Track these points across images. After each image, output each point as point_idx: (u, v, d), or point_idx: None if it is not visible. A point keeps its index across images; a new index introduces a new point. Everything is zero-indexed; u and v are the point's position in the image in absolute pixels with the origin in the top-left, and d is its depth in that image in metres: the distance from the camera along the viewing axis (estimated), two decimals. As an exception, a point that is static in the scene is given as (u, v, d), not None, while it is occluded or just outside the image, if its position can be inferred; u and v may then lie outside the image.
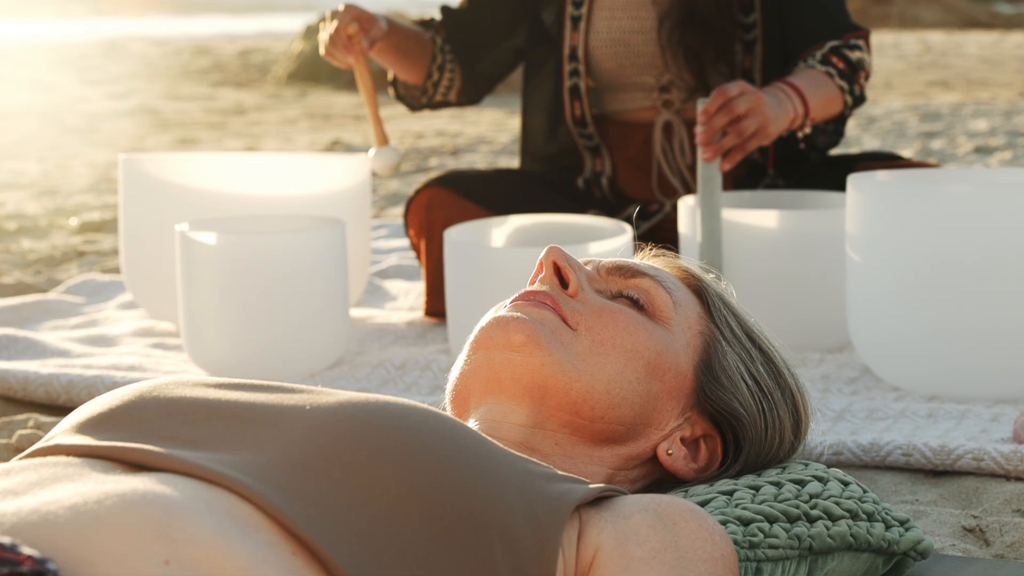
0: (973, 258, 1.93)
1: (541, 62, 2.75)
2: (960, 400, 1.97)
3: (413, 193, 2.69)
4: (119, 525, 0.87)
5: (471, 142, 6.97)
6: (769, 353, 1.33)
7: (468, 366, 1.24)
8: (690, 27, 2.61)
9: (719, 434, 1.29)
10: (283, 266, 2.22)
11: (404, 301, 2.93)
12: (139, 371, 2.31)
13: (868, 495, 1.30)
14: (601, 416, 1.22)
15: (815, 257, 2.28)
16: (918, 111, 7.59)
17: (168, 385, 1.08)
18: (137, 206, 2.63)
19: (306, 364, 2.26)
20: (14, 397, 2.26)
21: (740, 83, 2.26)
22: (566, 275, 1.26)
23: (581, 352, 1.22)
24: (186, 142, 7.48)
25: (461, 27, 2.75)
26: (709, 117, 2.24)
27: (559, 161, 2.77)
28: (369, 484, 0.97)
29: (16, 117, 9.18)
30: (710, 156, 2.25)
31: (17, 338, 2.55)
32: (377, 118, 2.56)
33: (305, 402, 1.03)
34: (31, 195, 5.31)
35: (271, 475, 0.96)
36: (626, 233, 2.25)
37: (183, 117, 9.05)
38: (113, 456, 0.99)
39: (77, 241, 4.04)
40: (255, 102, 10.09)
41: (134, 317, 2.79)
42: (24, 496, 0.91)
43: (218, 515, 0.91)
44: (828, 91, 2.44)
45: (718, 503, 1.22)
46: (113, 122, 8.75)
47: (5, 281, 3.27)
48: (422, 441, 1.00)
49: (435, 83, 2.74)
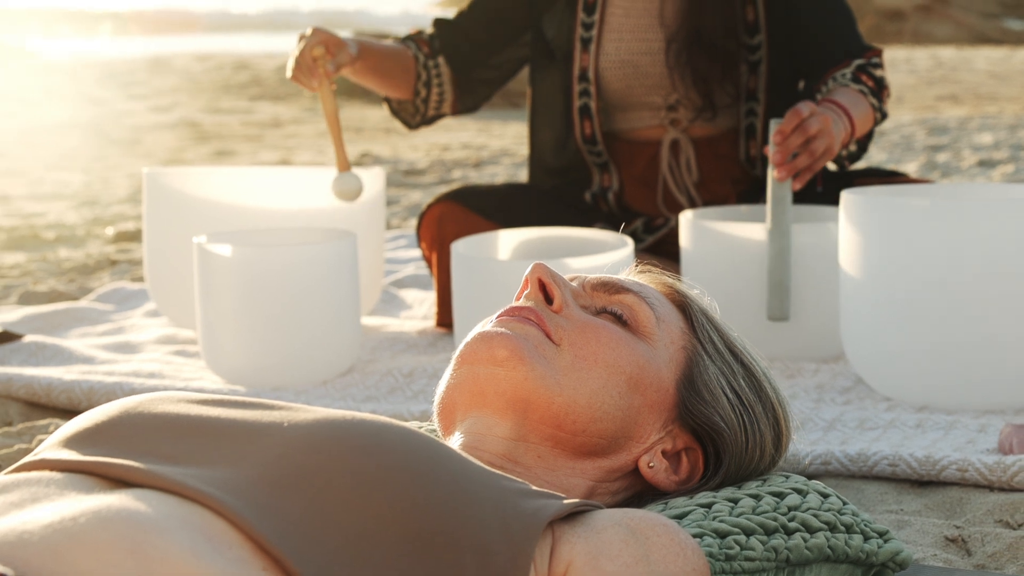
0: (962, 273, 1.90)
1: (548, 78, 2.72)
2: (949, 411, 1.93)
3: (425, 208, 2.67)
4: (93, 542, 0.85)
5: (494, 155, 6.95)
6: (751, 367, 1.30)
7: (454, 380, 1.22)
8: (697, 49, 2.59)
9: (700, 447, 1.26)
10: (296, 277, 2.21)
11: (418, 310, 2.91)
12: (158, 378, 2.30)
13: (847, 507, 1.27)
14: (583, 430, 1.19)
15: (810, 269, 2.25)
16: (926, 124, 7.53)
17: (153, 401, 1.06)
18: (160, 218, 2.62)
19: (318, 372, 2.25)
20: (38, 402, 2.25)
21: (809, 104, 2.22)
22: (551, 291, 1.24)
23: (564, 367, 1.19)
24: (223, 154, 7.49)
25: (460, 36, 2.71)
26: (784, 137, 2.20)
27: (567, 176, 2.74)
28: (342, 501, 0.95)
29: (64, 130, 9.22)
30: (783, 175, 2.21)
31: (45, 345, 2.54)
32: (339, 143, 2.46)
33: (283, 419, 1.01)
34: (72, 205, 5.32)
35: (247, 491, 0.94)
36: (627, 246, 2.22)
37: (222, 130, 9.07)
38: (95, 471, 0.97)
39: (111, 250, 4.04)
40: (291, 115, 10.11)
41: (158, 325, 2.78)
42: (4, 516, 0.89)
43: (191, 532, 0.89)
44: (864, 109, 2.41)
45: (696, 516, 1.19)
46: (155, 135, 8.77)
47: (39, 289, 3.27)
48: (396, 459, 0.98)
49: (424, 99, 2.70)
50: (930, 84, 11.29)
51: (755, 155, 2.67)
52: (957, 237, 1.90)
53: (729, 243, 2.29)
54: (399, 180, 5.89)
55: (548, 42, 2.70)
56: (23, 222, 4.80)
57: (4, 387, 2.27)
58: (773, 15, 2.60)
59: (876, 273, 1.97)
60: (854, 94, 2.40)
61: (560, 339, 1.21)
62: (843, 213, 2.03)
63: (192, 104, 11.13)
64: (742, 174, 2.71)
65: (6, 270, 3.69)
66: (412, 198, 5.18)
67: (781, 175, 2.21)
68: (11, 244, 4.26)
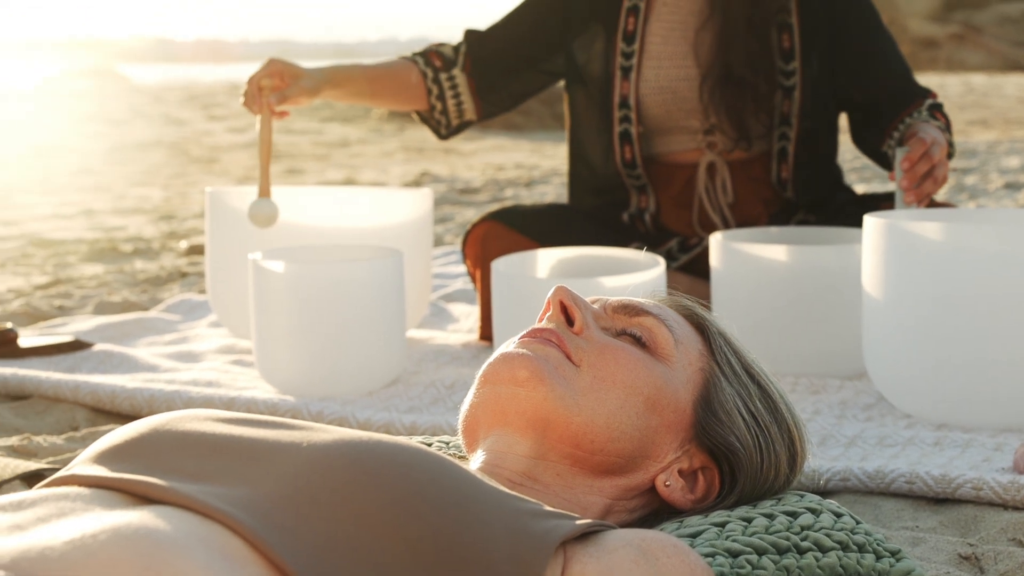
0: (980, 295, 1.84)
1: (585, 103, 2.67)
2: (966, 429, 1.87)
3: (470, 226, 2.63)
4: (110, 559, 0.82)
5: (545, 174, 6.91)
6: (767, 389, 1.25)
7: (477, 399, 1.19)
8: (728, 86, 2.54)
9: (717, 466, 1.21)
10: (344, 293, 2.18)
11: (464, 324, 2.88)
12: (215, 387, 2.27)
13: (860, 526, 1.22)
14: (601, 449, 1.15)
15: (835, 289, 2.19)
16: (956, 148, 7.41)
17: (181, 419, 1.03)
18: (221, 234, 2.60)
19: (365, 383, 2.22)
20: (102, 409, 2.24)
21: (929, 133, 2.26)
22: (572, 313, 1.20)
23: (583, 387, 1.16)
24: (293, 172, 7.52)
25: (488, 50, 2.64)
26: (912, 164, 2.23)
27: (606, 197, 2.69)
28: (356, 521, 0.91)
29: (148, 149, 9.29)
30: (913, 199, 2.23)
31: (113, 353, 2.53)
32: (266, 171, 2.38)
33: (303, 439, 0.98)
34: (151, 219, 5.34)
35: (264, 510, 0.91)
36: (659, 266, 2.17)
37: (293, 149, 9.11)
38: (121, 488, 0.95)
39: (183, 263, 4.04)
40: (358, 136, 10.13)
41: (219, 335, 2.76)
42: (29, 530, 0.87)
43: (208, 549, 0.86)
44: (945, 143, 2.41)
45: (709, 535, 1.14)
46: (231, 154, 8.82)
47: (113, 299, 3.27)
48: (410, 479, 0.94)
49: (442, 111, 2.64)
50: (962, 109, 11.13)
51: (786, 178, 2.62)
52: (975, 260, 1.84)
53: (758, 264, 2.24)
54: (454, 198, 5.87)
55: (579, 68, 2.65)
56: (104, 235, 4.82)
57: (72, 393, 2.26)
58: (808, 43, 2.55)
59: (897, 294, 1.91)
60: (935, 129, 2.40)
61: (580, 360, 1.17)
62: (866, 236, 1.97)
63: (267, 125, 11.16)
64: (773, 196, 2.65)
65: (85, 280, 3.69)
66: (466, 215, 5.15)
67: (910, 199, 2.24)
68: (91, 256, 4.28)
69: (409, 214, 2.59)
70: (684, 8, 2.60)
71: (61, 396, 2.26)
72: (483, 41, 2.65)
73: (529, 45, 2.66)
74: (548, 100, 10.27)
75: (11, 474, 1.79)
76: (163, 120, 11.94)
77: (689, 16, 2.59)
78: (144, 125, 11.43)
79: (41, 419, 2.20)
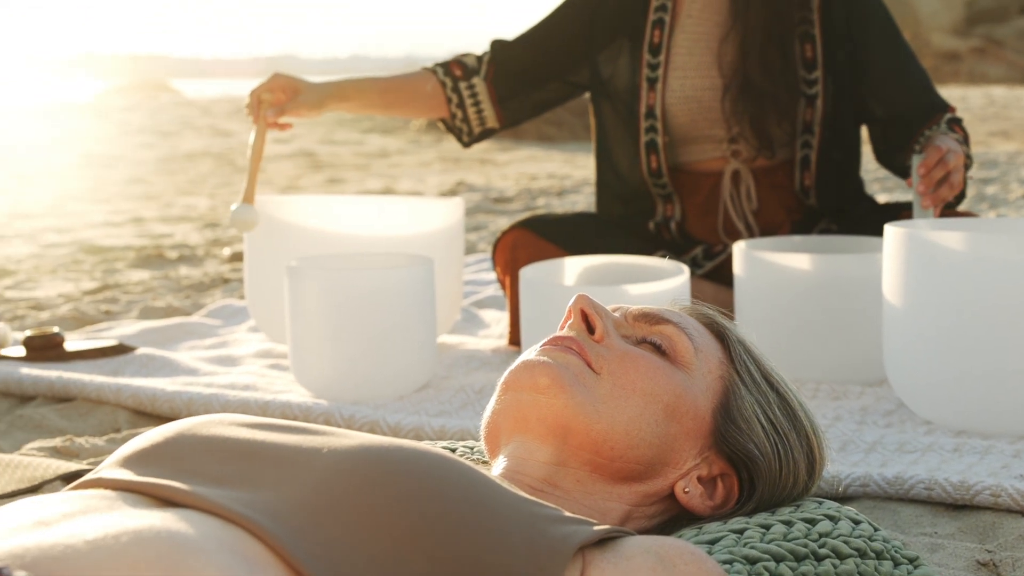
0: (999, 304, 1.79)
1: (611, 114, 2.64)
2: (985, 435, 1.82)
3: (500, 234, 2.61)
4: (131, 560, 0.80)
5: (577, 184, 6.88)
6: (786, 397, 1.22)
7: (499, 405, 1.16)
8: (750, 97, 2.51)
9: (736, 473, 1.18)
10: (377, 300, 2.16)
11: (495, 329, 2.85)
12: (251, 390, 2.26)
13: (879, 533, 1.18)
14: (620, 455, 1.12)
15: (856, 297, 2.16)
16: (977, 159, 7.33)
17: (208, 424, 1.01)
18: (259, 242, 2.59)
19: (396, 387, 2.19)
20: (143, 411, 2.23)
21: (944, 141, 2.26)
22: (592, 321, 1.17)
23: (603, 395, 1.13)
24: (334, 181, 7.52)
25: (512, 60, 2.62)
26: (928, 170, 2.21)
27: (633, 206, 2.67)
28: (374, 526, 0.89)
29: (196, 159, 9.33)
30: (929, 204, 2.22)
31: (155, 357, 2.52)
32: (253, 179, 2.43)
33: (324, 445, 0.96)
34: (197, 227, 5.35)
35: (284, 514, 0.89)
36: (684, 274, 2.14)
37: (334, 159, 9.12)
38: (145, 491, 0.93)
39: (225, 269, 4.04)
40: (397, 147, 10.13)
41: (257, 340, 2.75)
42: (54, 526, 0.85)
43: (229, 553, 0.84)
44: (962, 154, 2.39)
45: (727, 541, 1.11)
46: (276, 164, 8.83)
47: (158, 304, 3.26)
48: (428, 485, 0.92)
49: (463, 119, 2.63)
50: (983, 120, 11.01)
51: (809, 185, 2.59)
52: (995, 269, 1.80)
53: (781, 272, 2.20)
54: (488, 207, 5.85)
55: (604, 82, 2.63)
56: (151, 242, 4.83)
57: (114, 395, 2.25)
58: (831, 54, 2.52)
59: (916, 303, 1.87)
60: (952, 141, 2.38)
61: (600, 368, 1.14)
62: (886, 245, 1.94)
63: (310, 136, 11.22)
64: (796, 203, 2.62)
65: (131, 286, 3.70)
66: (499, 224, 5.13)
67: (927, 203, 2.22)
68: (139, 262, 4.28)
69: (442, 223, 2.57)
70: (709, 20, 2.57)
71: (104, 398, 2.26)
72: (508, 50, 2.63)
73: (554, 56, 2.64)
74: (580, 112, 10.25)
75: (52, 474, 1.79)
76: (211, 132, 11.99)
77: (714, 28, 2.56)
78: (193, 136, 11.48)
79: (84, 421, 2.19)
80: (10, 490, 1.73)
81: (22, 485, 1.75)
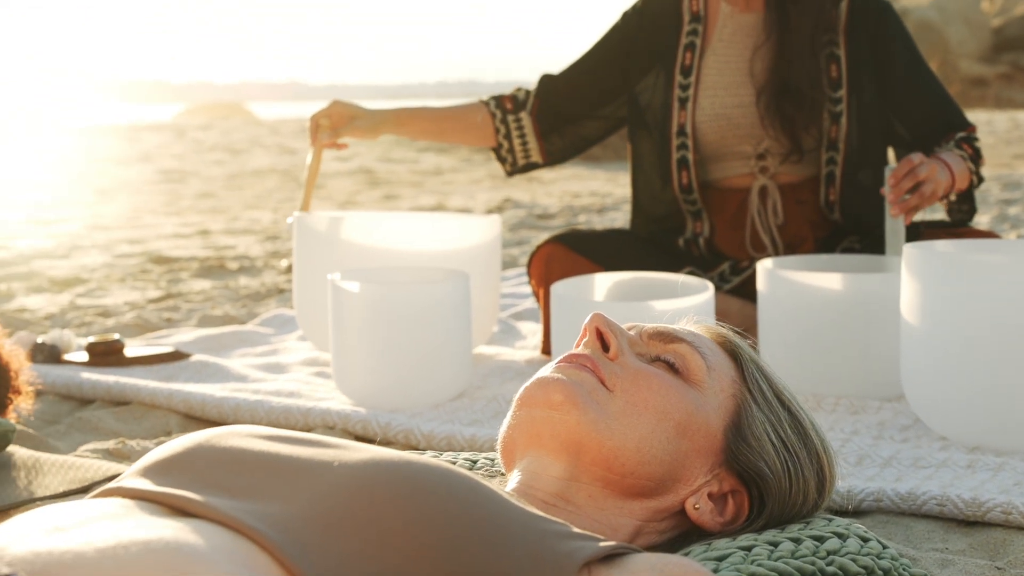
0: (1015, 323, 1.73)
1: (645, 136, 2.61)
2: (999, 452, 1.75)
3: (535, 249, 2.57)
4: (139, 569, 0.77)
5: (617, 201, 6.82)
6: (797, 416, 1.16)
7: (514, 421, 1.12)
8: (785, 97, 2.47)
9: (746, 490, 1.13)
10: (414, 312, 2.12)
11: (531, 340, 2.81)
12: (295, 397, 2.23)
13: (887, 551, 1.13)
14: (632, 472, 1.08)
15: (876, 315, 2.09)
16: (1001, 180, 7.18)
17: (226, 435, 0.98)
18: (306, 256, 2.57)
19: (432, 396, 2.16)
20: (193, 415, 2.21)
21: (919, 154, 2.23)
22: (607, 340, 1.13)
23: (615, 412, 1.08)
24: (390, 198, 7.52)
25: (556, 94, 2.63)
26: (898, 181, 2.20)
27: (664, 223, 2.62)
28: (380, 540, 0.85)
29: (262, 175, 9.37)
30: (897, 213, 2.22)
31: (208, 363, 2.50)
32: (308, 195, 2.54)
33: (335, 458, 0.92)
34: (258, 240, 5.35)
35: (293, 528, 0.85)
36: (708, 290, 2.09)
37: (391, 176, 9.13)
38: (160, 501, 0.90)
39: (281, 280, 4.03)
40: (450, 165, 10.13)
41: (305, 348, 2.72)
42: (69, 533, 0.82)
43: (237, 565, 0.80)
44: (963, 169, 2.36)
45: (735, 559, 1.06)
46: (336, 180, 8.85)
47: (215, 313, 3.25)
48: (435, 500, 0.88)
49: (509, 150, 2.64)
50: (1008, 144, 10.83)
51: (833, 200, 2.53)
52: (1010, 289, 1.73)
53: (803, 290, 2.14)
54: (532, 223, 5.81)
55: (642, 110, 2.59)
56: (215, 253, 4.84)
57: (167, 400, 2.23)
58: (855, 74, 2.48)
59: (934, 321, 1.81)
60: (956, 156, 2.35)
61: (614, 385, 1.10)
62: (905, 265, 1.87)
63: (369, 154, 11.25)
64: (821, 219, 2.57)
65: (192, 295, 3.69)
66: (541, 239, 5.08)
67: (895, 212, 2.21)
68: (201, 272, 4.28)
69: (481, 238, 2.54)
70: (740, 43, 2.54)
71: (157, 403, 2.24)
72: (552, 85, 2.65)
73: (591, 91, 2.64)
74: (623, 133, 10.19)
75: (102, 476, 1.77)
76: (278, 150, 12.05)
77: (744, 50, 2.53)
78: (261, 154, 11.54)
79: (138, 424, 2.18)
80: (61, 491, 1.71)
81: (73, 486, 1.73)
